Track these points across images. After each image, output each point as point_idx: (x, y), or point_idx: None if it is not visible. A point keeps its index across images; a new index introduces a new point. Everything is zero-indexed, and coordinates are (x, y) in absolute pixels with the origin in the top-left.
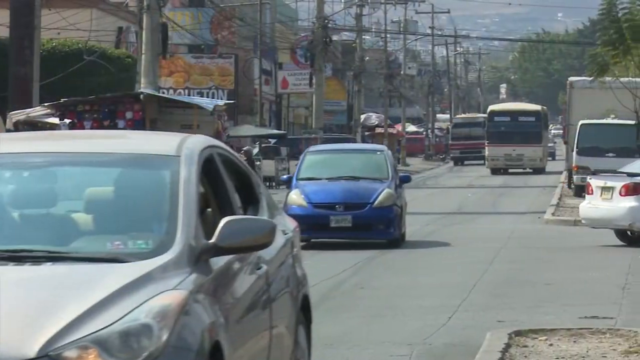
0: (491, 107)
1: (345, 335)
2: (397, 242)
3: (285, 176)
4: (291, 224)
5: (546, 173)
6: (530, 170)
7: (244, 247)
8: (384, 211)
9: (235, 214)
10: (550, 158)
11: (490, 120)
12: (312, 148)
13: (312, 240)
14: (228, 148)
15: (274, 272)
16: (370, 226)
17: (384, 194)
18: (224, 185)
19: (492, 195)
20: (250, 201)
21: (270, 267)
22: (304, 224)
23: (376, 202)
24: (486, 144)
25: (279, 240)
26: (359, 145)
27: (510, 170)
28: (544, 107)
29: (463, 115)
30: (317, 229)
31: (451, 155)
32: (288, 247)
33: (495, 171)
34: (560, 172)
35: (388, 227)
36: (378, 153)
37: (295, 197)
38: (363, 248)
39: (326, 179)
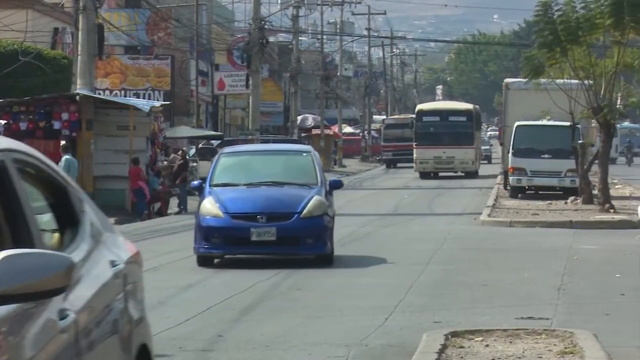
0: (419, 106)
1: (283, 336)
2: (328, 258)
3: (195, 182)
4: (126, 252)
5: (479, 177)
6: (462, 174)
7: (26, 294)
8: (314, 222)
9: (34, 243)
10: (485, 161)
11: (418, 120)
12: (227, 149)
13: (227, 256)
14: (35, 152)
15: (91, 319)
16: (298, 239)
17: (313, 201)
18: (20, 203)
19: (429, 196)
20: (68, 222)
21: (84, 314)
22: (220, 238)
23: (304, 212)
24: (414, 146)
25: (105, 274)
26: (282, 146)
27: (441, 174)
28: (476, 106)
29: (395, 116)
30: (235, 243)
31: (383, 157)
32: (118, 284)
33: (424, 175)
34: (496, 176)
35: (318, 240)
36: (304, 154)
37: (210, 206)
38: (288, 265)
39: (244, 185)
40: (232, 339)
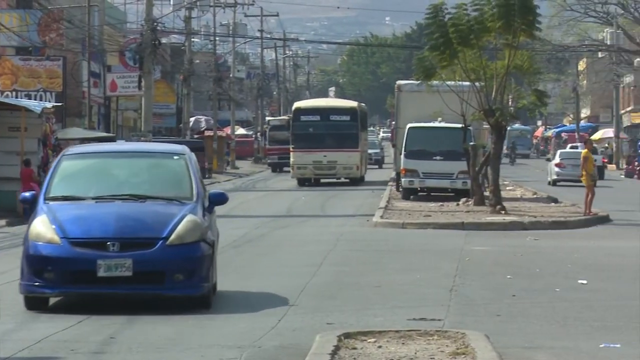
0: (297, 104)
1: (176, 338)
2: (205, 300)
3: (27, 194)
4: None
5: (366, 183)
6: (347, 180)
7: None
8: (185, 251)
9: None
10: (376, 166)
11: (296, 120)
12: (71, 149)
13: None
14: None
15: None
16: (163, 275)
17: (184, 223)
18: None
19: (322, 197)
20: None
21: None
22: (55, 272)
23: (172, 237)
24: (291, 149)
25: None
26: (146, 146)
27: (323, 181)
28: (362, 104)
29: (280, 117)
30: (76, 280)
31: (268, 161)
32: None
33: (302, 182)
34: (386, 183)
35: (192, 276)
36: (175, 158)
37: (43, 228)
38: (148, 310)
39: (93, 198)
40: (124, 341)
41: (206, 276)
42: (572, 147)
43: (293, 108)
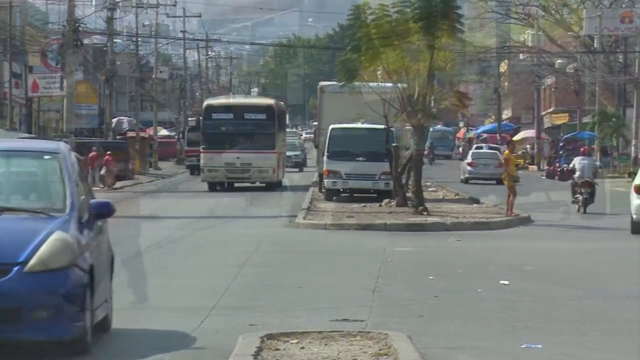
0: (207, 101)
1: (96, 341)
2: (79, 344)
3: None
4: None
5: (284, 188)
6: (263, 185)
7: None
8: (50, 280)
9: None
10: (296, 169)
11: (206, 118)
12: None
13: None
14: None
15: None
16: (19, 313)
17: (50, 243)
18: None
19: (246, 198)
20: None
21: None
22: None
23: (32, 262)
24: (201, 150)
25: None
26: (8, 143)
27: (237, 185)
28: (280, 102)
29: (198, 118)
30: None
31: (187, 163)
32: None
33: (213, 186)
34: (307, 188)
35: (58, 313)
36: (46, 157)
37: None
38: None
39: None
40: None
41: (79, 313)
42: (477, 148)
43: (204, 105)
